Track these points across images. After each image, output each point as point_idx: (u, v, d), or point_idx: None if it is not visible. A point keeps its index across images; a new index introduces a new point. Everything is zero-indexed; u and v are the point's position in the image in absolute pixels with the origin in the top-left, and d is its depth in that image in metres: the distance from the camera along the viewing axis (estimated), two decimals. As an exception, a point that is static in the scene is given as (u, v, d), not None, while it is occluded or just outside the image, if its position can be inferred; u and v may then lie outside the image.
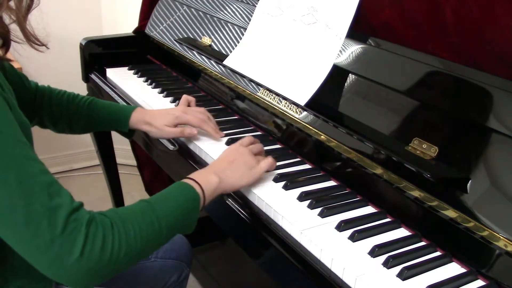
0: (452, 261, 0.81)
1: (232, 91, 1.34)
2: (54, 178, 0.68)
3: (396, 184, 0.90)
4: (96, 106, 1.16)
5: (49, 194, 0.65)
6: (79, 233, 0.65)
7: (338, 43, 1.10)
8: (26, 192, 0.64)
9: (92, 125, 1.18)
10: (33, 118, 1.13)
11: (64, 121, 1.15)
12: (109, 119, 1.17)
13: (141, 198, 0.80)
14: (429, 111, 0.92)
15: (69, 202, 0.67)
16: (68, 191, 0.69)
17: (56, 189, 0.67)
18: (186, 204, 0.82)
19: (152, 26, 1.70)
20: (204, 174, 0.89)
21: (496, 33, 0.93)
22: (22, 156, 0.66)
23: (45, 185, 0.66)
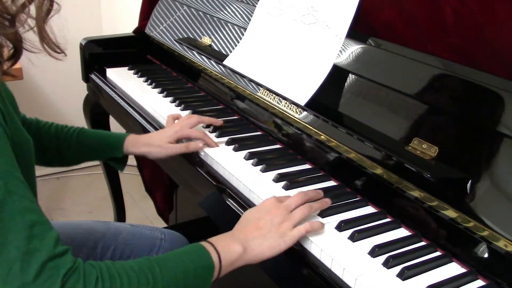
0: (452, 261, 0.81)
1: (232, 91, 1.34)
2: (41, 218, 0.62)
3: (396, 184, 0.90)
4: (86, 134, 1.12)
5: (28, 236, 0.59)
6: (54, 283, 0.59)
7: (338, 43, 1.10)
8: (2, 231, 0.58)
9: (84, 154, 1.13)
10: None
11: (52, 153, 1.10)
12: (101, 146, 1.13)
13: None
14: (429, 111, 0.92)
15: (50, 247, 0.60)
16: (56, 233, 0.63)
17: (39, 230, 0.61)
18: (194, 271, 0.72)
19: (152, 26, 1.70)
20: (226, 240, 0.79)
21: (496, 33, 0.93)
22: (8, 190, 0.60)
23: (25, 225, 0.60)
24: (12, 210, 0.59)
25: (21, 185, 0.62)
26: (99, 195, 2.39)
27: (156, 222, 2.20)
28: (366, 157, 0.95)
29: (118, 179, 1.86)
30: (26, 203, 0.61)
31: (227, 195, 0.99)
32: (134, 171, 2.35)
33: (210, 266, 0.74)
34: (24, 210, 0.61)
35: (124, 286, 0.64)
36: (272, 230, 0.80)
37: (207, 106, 1.36)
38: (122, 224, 1.20)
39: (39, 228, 0.61)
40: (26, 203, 0.61)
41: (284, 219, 0.82)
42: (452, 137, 0.88)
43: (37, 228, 0.61)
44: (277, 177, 1.00)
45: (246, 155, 1.09)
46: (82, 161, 1.16)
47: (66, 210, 2.34)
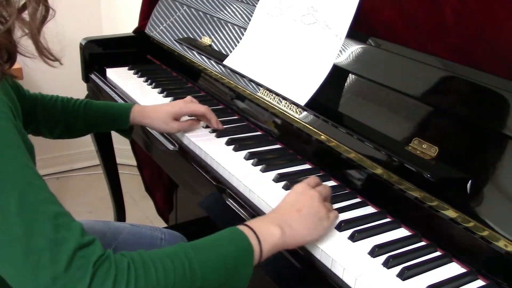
0: (452, 261, 0.81)
1: (232, 91, 1.34)
2: (63, 209, 0.62)
3: (396, 184, 0.90)
4: (92, 107, 1.14)
5: (54, 226, 0.58)
6: (86, 272, 0.57)
7: (338, 43, 1.10)
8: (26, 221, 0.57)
9: (92, 126, 1.16)
10: (27, 126, 1.09)
11: (60, 127, 1.12)
12: (108, 117, 1.15)
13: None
14: (429, 111, 0.92)
15: (78, 236, 0.59)
16: (80, 224, 0.61)
17: (64, 221, 0.60)
18: (233, 254, 0.69)
19: (152, 26, 1.70)
20: (264, 223, 0.76)
21: (496, 33, 0.93)
22: (26, 182, 0.59)
23: (50, 215, 0.59)
24: (35, 201, 0.59)
25: (39, 177, 0.62)
26: (99, 195, 2.39)
27: (156, 222, 2.20)
28: (366, 157, 0.95)
29: (118, 179, 1.87)
30: (47, 195, 0.61)
31: (227, 195, 0.99)
32: (134, 171, 2.35)
33: (249, 248, 0.71)
34: (46, 200, 0.60)
35: (158, 272, 0.62)
36: (310, 211, 0.79)
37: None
38: (122, 224, 1.20)
39: (64, 219, 0.60)
40: (47, 195, 0.61)
41: (321, 204, 0.81)
42: (452, 137, 0.88)
43: (62, 218, 0.60)
44: (277, 177, 1.00)
45: (246, 155, 1.09)
46: (90, 132, 1.20)
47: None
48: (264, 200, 0.93)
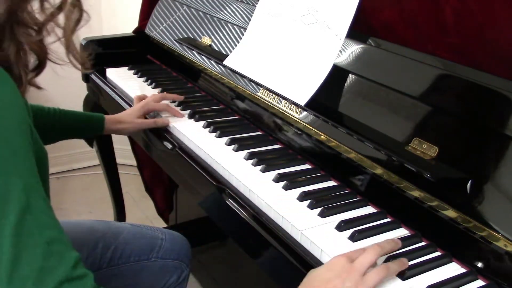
0: (452, 261, 0.81)
1: (232, 91, 1.34)
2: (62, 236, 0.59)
3: (396, 184, 0.90)
4: (68, 116, 1.18)
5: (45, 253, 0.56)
6: None
7: (338, 43, 1.10)
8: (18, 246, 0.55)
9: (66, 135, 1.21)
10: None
11: None
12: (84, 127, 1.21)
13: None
14: (429, 111, 0.92)
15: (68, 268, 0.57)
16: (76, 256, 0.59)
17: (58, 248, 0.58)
18: None
19: (152, 26, 1.70)
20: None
21: (496, 33, 0.93)
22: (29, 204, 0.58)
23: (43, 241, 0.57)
24: (31, 226, 0.57)
25: (43, 201, 0.60)
26: (99, 195, 2.39)
27: (156, 222, 2.20)
28: (366, 157, 0.95)
29: (118, 179, 1.86)
30: (47, 220, 0.59)
31: (227, 195, 0.99)
32: (134, 171, 2.35)
33: None
34: (44, 226, 0.58)
35: None
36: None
37: (207, 106, 1.36)
38: (122, 224, 1.20)
39: (58, 247, 0.58)
40: (47, 220, 0.59)
41: (357, 284, 0.69)
42: (452, 137, 0.88)
43: (56, 246, 0.58)
44: (277, 177, 1.00)
45: (246, 155, 1.09)
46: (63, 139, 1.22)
47: (66, 210, 2.34)
48: (264, 200, 0.93)
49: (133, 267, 1.11)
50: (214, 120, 1.25)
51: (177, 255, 1.18)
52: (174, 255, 1.17)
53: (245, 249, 0.99)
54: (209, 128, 1.22)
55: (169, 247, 1.17)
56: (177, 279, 1.17)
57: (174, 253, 1.17)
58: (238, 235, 1.02)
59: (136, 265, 1.11)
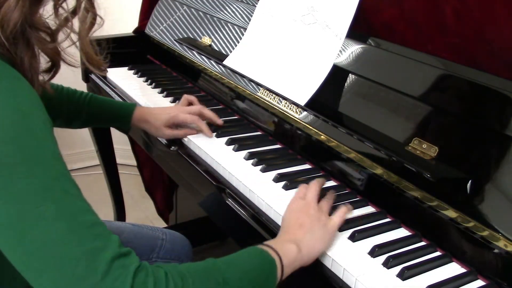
0: (452, 261, 0.81)
1: (232, 91, 1.34)
2: (99, 219, 0.61)
3: (396, 184, 0.90)
4: (97, 102, 1.16)
5: (91, 235, 0.58)
6: (125, 281, 0.56)
7: (338, 43, 1.10)
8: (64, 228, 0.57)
9: (92, 122, 1.20)
10: None
11: (63, 117, 1.14)
12: (111, 116, 1.18)
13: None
14: (429, 111, 0.92)
15: (115, 246, 0.59)
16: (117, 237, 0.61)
17: (101, 230, 0.60)
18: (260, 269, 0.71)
19: (152, 26, 1.70)
20: (282, 242, 0.77)
21: (496, 33, 0.93)
22: (64, 191, 0.59)
23: (87, 224, 0.59)
24: (72, 210, 0.58)
25: (76, 187, 0.62)
26: (99, 195, 2.39)
27: (156, 222, 2.20)
28: (366, 157, 0.95)
29: (118, 179, 1.86)
30: (83, 204, 0.61)
31: (227, 195, 0.99)
32: (134, 171, 2.35)
33: (274, 263, 0.72)
34: (83, 210, 0.60)
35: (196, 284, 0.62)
36: (313, 223, 0.81)
37: (207, 106, 1.36)
38: (123, 224, 1.20)
39: (100, 229, 0.60)
40: (83, 204, 0.61)
41: (317, 211, 0.84)
42: (452, 137, 0.88)
43: (98, 228, 0.60)
44: (277, 177, 1.00)
45: (246, 155, 1.09)
46: (89, 125, 1.22)
47: (66, 210, 2.34)
48: (264, 200, 0.93)
49: None
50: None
51: (178, 255, 1.18)
52: (175, 255, 1.17)
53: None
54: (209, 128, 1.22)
55: (170, 247, 1.16)
56: None
57: (175, 253, 1.17)
58: (238, 235, 1.02)
59: None
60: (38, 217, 0.56)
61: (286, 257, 0.74)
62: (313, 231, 0.80)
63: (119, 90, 1.49)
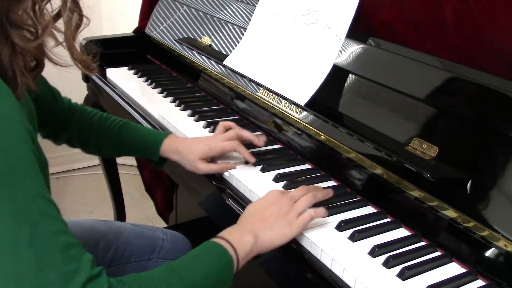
0: (452, 261, 0.81)
1: (232, 91, 1.34)
2: (75, 240, 0.61)
3: (396, 184, 0.90)
4: (127, 129, 1.09)
5: (65, 258, 0.58)
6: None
7: (338, 43, 1.10)
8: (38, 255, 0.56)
9: (122, 149, 1.11)
10: (60, 136, 1.08)
11: (92, 143, 1.10)
12: (139, 144, 1.09)
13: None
14: (429, 111, 0.92)
15: (88, 268, 0.59)
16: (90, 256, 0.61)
17: (75, 252, 0.59)
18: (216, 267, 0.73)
19: (152, 26, 1.70)
20: (237, 232, 0.79)
21: (496, 33, 0.93)
22: (41, 212, 0.58)
23: (61, 247, 0.58)
24: (47, 233, 0.58)
25: (53, 207, 0.61)
26: (99, 195, 2.39)
27: (156, 222, 2.20)
28: (366, 157, 0.95)
29: (118, 179, 1.86)
30: (59, 225, 0.60)
31: (227, 195, 0.99)
32: (134, 171, 2.35)
33: (230, 261, 0.74)
34: (58, 232, 0.59)
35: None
36: (278, 219, 0.82)
37: (207, 106, 1.36)
38: (123, 224, 1.20)
39: (75, 250, 0.60)
40: (59, 225, 0.60)
41: (290, 208, 0.83)
42: (452, 137, 0.88)
43: (72, 250, 0.59)
44: (277, 177, 1.00)
45: (246, 155, 1.09)
46: (120, 153, 1.14)
47: (66, 210, 2.33)
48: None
49: (133, 268, 1.10)
50: (214, 120, 1.25)
51: (178, 256, 1.17)
52: (176, 256, 1.16)
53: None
54: (209, 128, 1.22)
55: (170, 247, 1.16)
56: None
57: (176, 254, 1.17)
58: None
59: (137, 266, 1.11)
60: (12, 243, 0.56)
61: (242, 251, 0.76)
62: (274, 226, 0.81)
63: (119, 90, 1.50)
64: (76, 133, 1.08)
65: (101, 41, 1.65)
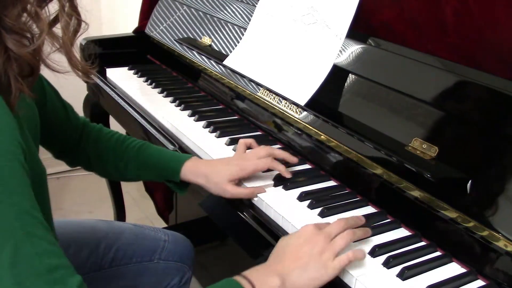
0: (452, 261, 0.82)
1: (232, 91, 1.34)
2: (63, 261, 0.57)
3: (396, 184, 0.90)
4: (147, 151, 1.02)
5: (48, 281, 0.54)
6: None
7: (338, 43, 1.10)
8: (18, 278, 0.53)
9: (141, 171, 1.03)
10: (76, 157, 1.04)
11: (110, 165, 1.03)
12: (159, 166, 1.01)
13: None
14: (429, 111, 0.92)
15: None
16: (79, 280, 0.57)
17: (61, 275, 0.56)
18: None
19: (152, 26, 1.70)
20: (263, 273, 0.72)
21: (496, 33, 0.93)
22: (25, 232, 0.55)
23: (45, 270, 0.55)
24: (30, 254, 0.55)
25: (40, 226, 0.57)
26: (99, 195, 2.39)
27: (156, 222, 2.20)
28: (366, 157, 0.95)
29: (118, 179, 1.86)
30: (45, 246, 0.56)
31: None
32: (134, 171, 2.35)
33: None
34: (43, 253, 0.56)
35: None
36: (312, 260, 0.73)
37: (207, 106, 1.36)
38: (125, 224, 1.19)
39: (61, 273, 0.56)
40: (45, 246, 0.56)
41: (326, 248, 0.74)
42: (452, 137, 0.88)
43: (58, 272, 0.56)
44: (277, 177, 1.00)
45: (246, 155, 1.08)
46: (140, 177, 1.07)
47: (66, 210, 2.34)
48: (264, 200, 0.93)
49: (134, 269, 1.10)
50: (214, 120, 1.25)
51: (180, 257, 1.17)
52: (177, 257, 1.16)
53: (245, 249, 0.99)
54: (209, 128, 1.22)
55: (172, 249, 1.15)
56: (179, 281, 1.16)
57: (177, 255, 1.16)
58: (238, 236, 1.02)
59: (138, 267, 1.11)
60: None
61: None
62: (307, 269, 0.72)
63: (119, 90, 1.49)
64: (93, 155, 1.03)
65: (101, 41, 1.65)
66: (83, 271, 1.02)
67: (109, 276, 1.08)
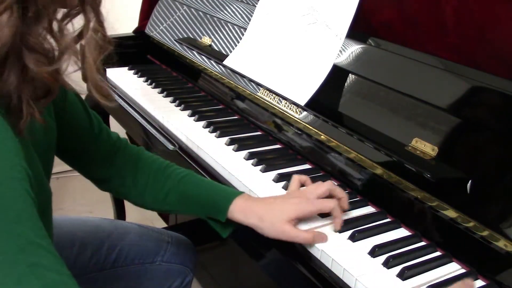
0: (452, 261, 0.81)
1: (232, 91, 1.34)
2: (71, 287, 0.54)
3: (396, 184, 0.90)
4: (190, 181, 0.92)
5: None
6: None
7: (338, 43, 1.10)
8: None
9: (182, 203, 0.92)
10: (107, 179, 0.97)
11: (149, 193, 0.93)
12: (204, 201, 0.90)
13: None
14: (429, 111, 0.92)
15: None
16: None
17: None
18: None
19: (152, 26, 1.70)
20: None
21: (496, 33, 0.93)
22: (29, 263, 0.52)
23: None
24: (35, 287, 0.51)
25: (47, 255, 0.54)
26: (99, 195, 2.37)
27: (156, 222, 2.19)
28: (366, 157, 0.95)
29: (118, 179, 1.86)
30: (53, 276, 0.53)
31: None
32: (134, 171, 2.35)
33: None
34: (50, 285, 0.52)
35: None
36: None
37: (207, 106, 1.36)
38: (129, 224, 1.17)
39: None
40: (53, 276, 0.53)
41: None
42: (452, 137, 0.88)
43: None
44: (277, 177, 1.00)
45: (246, 155, 1.09)
46: (181, 209, 0.96)
47: (66, 210, 2.34)
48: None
49: (136, 270, 1.10)
50: (214, 120, 1.25)
51: (182, 260, 1.16)
52: (179, 260, 1.15)
53: (245, 249, 0.99)
54: (209, 128, 1.22)
55: (174, 251, 1.14)
56: (180, 284, 1.15)
57: (179, 257, 1.15)
58: (238, 235, 1.02)
59: (140, 268, 1.10)
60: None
61: None
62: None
63: (119, 90, 1.50)
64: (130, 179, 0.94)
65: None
66: (85, 271, 1.02)
67: (110, 277, 1.07)
